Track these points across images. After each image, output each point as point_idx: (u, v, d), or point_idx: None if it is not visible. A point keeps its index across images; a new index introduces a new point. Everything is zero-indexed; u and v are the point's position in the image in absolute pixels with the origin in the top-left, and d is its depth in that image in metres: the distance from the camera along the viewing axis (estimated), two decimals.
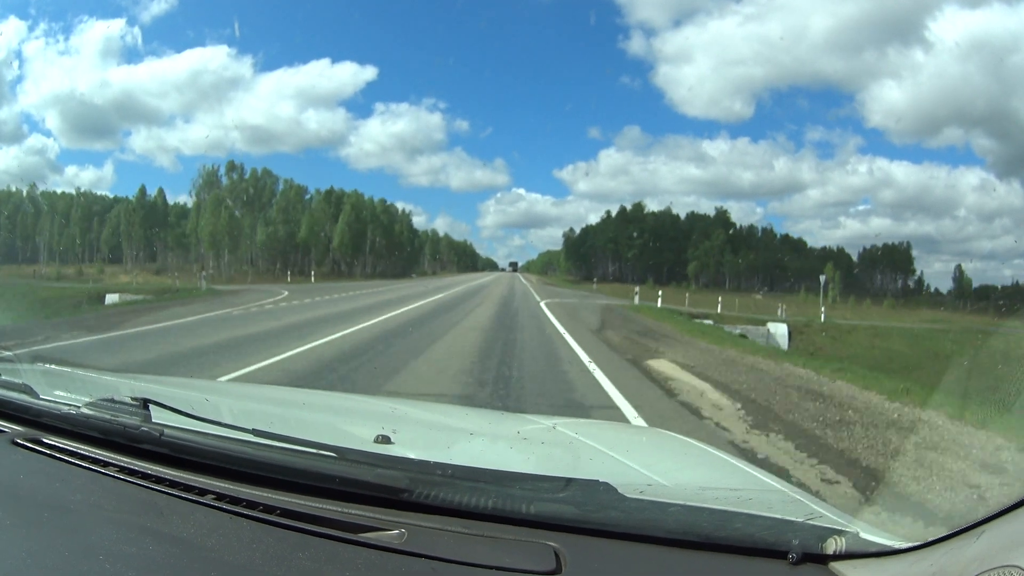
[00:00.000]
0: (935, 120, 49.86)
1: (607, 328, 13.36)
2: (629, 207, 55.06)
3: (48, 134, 48.82)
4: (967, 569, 0.80)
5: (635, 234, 52.28)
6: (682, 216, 53.59)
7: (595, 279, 50.97)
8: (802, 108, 50.24)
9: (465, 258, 70.67)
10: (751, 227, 52.82)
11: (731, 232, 51.83)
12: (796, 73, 51.24)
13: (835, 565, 0.93)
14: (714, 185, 56.59)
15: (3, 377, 1.59)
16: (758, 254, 49.88)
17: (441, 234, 66.92)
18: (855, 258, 49.57)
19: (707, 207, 55.07)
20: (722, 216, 53.31)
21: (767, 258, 49.86)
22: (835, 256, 47.96)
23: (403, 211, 57.30)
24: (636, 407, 5.67)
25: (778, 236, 52.40)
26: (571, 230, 59.41)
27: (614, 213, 55.73)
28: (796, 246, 50.76)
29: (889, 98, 45.15)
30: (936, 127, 49.80)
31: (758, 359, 9.03)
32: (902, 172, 44.68)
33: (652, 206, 57.21)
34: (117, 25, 46.48)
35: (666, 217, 54.25)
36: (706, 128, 63.88)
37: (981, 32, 38.48)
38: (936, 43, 39.35)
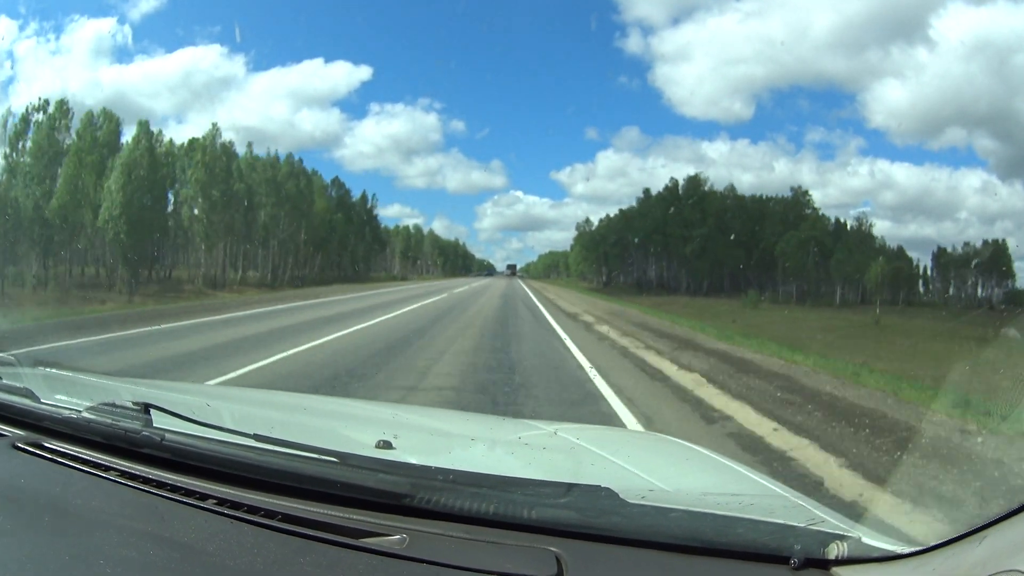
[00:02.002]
0: (937, 121, 47.75)
1: None
2: (681, 181, 39.10)
3: None
4: (970, 574, 0.80)
5: (696, 221, 36.80)
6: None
7: (606, 284, 40.31)
8: (803, 109, 47.04)
9: (456, 259, 62.98)
10: (821, 216, 38.60)
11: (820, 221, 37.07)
12: (797, 72, 49.06)
13: (837, 570, 0.93)
14: (714, 187, 53.31)
15: (5, 381, 1.59)
16: (862, 255, 35.96)
17: (428, 231, 56.79)
18: (924, 259, 37.76)
19: None
20: (800, 199, 38.10)
21: (861, 260, 35.87)
22: (894, 255, 37.74)
23: (365, 196, 43.88)
24: None
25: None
26: (587, 221, 46.83)
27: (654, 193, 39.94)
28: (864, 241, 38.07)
29: (891, 98, 43.33)
30: (938, 128, 47.65)
31: None
32: (903, 174, 42.09)
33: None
34: (108, 24, 42.80)
35: (730, 198, 38.58)
36: (705, 129, 62.54)
37: (985, 31, 36.84)
38: (940, 42, 37.70)
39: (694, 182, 39.18)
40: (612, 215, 44.66)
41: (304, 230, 37.69)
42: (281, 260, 37.25)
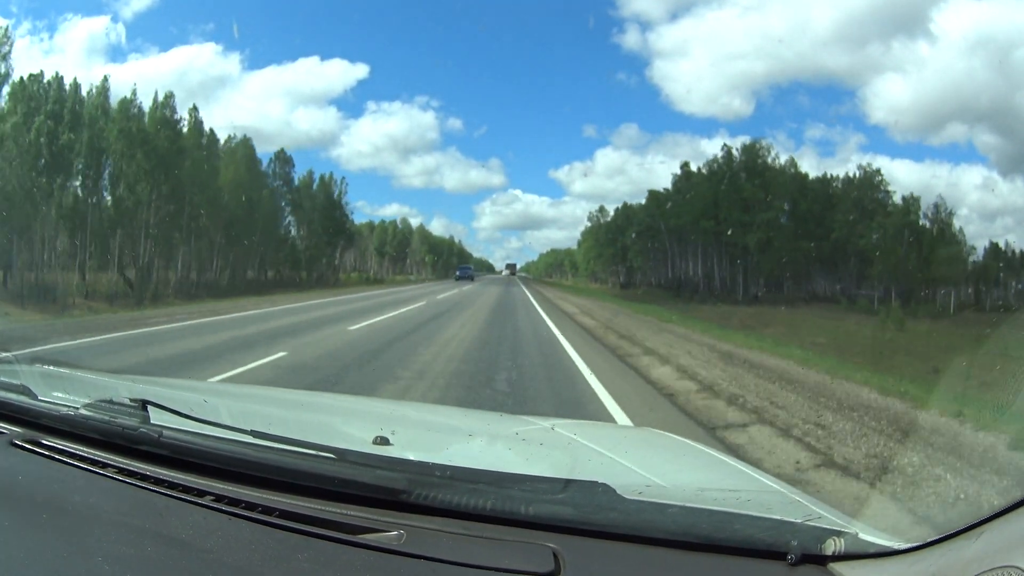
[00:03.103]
0: (938, 117, 46.04)
1: None
2: (737, 149, 29.75)
3: None
4: (966, 570, 0.80)
5: (759, 203, 28.12)
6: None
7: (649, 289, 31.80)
8: (803, 105, 45.06)
9: (451, 258, 57.71)
10: (914, 198, 29.12)
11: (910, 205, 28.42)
12: (797, 68, 47.05)
13: (834, 566, 0.93)
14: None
15: (2, 378, 1.58)
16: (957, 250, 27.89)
17: (417, 226, 51.23)
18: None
19: None
20: (872, 180, 29.71)
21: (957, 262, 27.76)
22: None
23: (330, 179, 35.33)
24: None
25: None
26: (601, 210, 39.47)
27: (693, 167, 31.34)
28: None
29: (892, 94, 41.94)
30: (939, 124, 45.92)
31: None
32: (904, 170, 40.92)
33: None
34: (101, 22, 40.63)
35: (785, 176, 29.82)
36: (705, 126, 61.62)
37: (986, 25, 35.75)
38: (941, 37, 36.77)
39: (751, 152, 29.28)
40: (626, 203, 37.51)
41: (206, 214, 25.53)
42: (157, 256, 24.38)
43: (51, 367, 2.09)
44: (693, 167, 32.84)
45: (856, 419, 5.21)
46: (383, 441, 1.30)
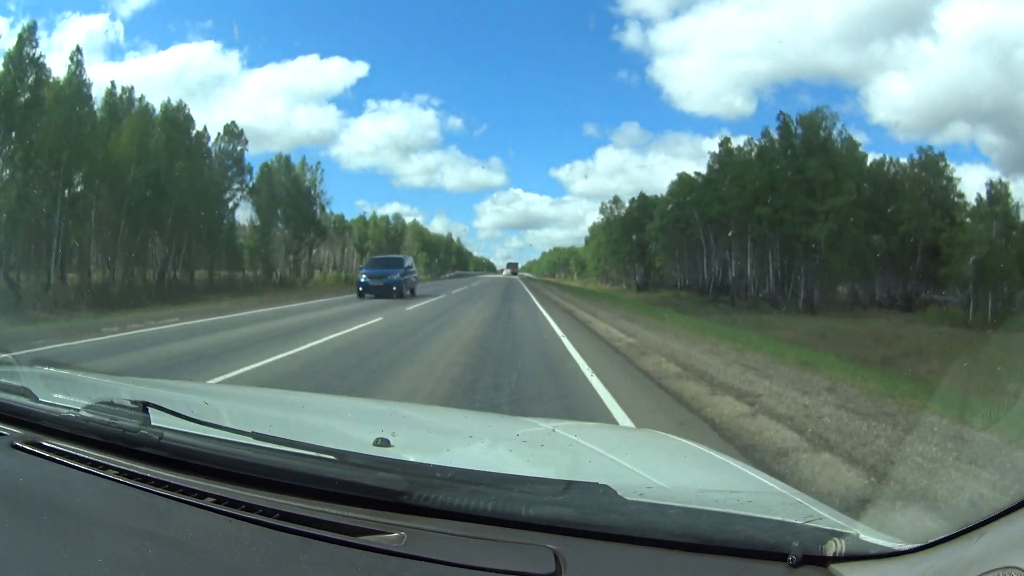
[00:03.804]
0: (940, 116, 45.89)
1: None
2: (795, 119, 24.34)
3: None
4: (968, 570, 0.80)
5: (827, 186, 22.52)
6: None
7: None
8: (805, 104, 44.22)
9: (448, 257, 56.20)
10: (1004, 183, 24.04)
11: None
12: (799, 66, 46.38)
13: (835, 567, 0.92)
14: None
15: (2, 380, 1.58)
16: None
17: (411, 222, 48.59)
18: None
19: None
20: (935, 164, 25.24)
21: None
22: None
23: (301, 164, 30.41)
24: None
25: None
26: (615, 200, 35.42)
27: (732, 143, 26.29)
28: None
29: (894, 93, 41.70)
30: (941, 123, 45.88)
31: None
32: None
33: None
34: (99, 20, 39.89)
35: (855, 154, 24.90)
36: (707, 125, 61.86)
37: (990, 24, 35.14)
38: (944, 35, 36.25)
39: (812, 123, 23.28)
40: (643, 194, 32.79)
41: (96, 194, 19.27)
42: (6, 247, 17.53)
43: (52, 369, 2.09)
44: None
45: None
46: (384, 443, 1.30)
